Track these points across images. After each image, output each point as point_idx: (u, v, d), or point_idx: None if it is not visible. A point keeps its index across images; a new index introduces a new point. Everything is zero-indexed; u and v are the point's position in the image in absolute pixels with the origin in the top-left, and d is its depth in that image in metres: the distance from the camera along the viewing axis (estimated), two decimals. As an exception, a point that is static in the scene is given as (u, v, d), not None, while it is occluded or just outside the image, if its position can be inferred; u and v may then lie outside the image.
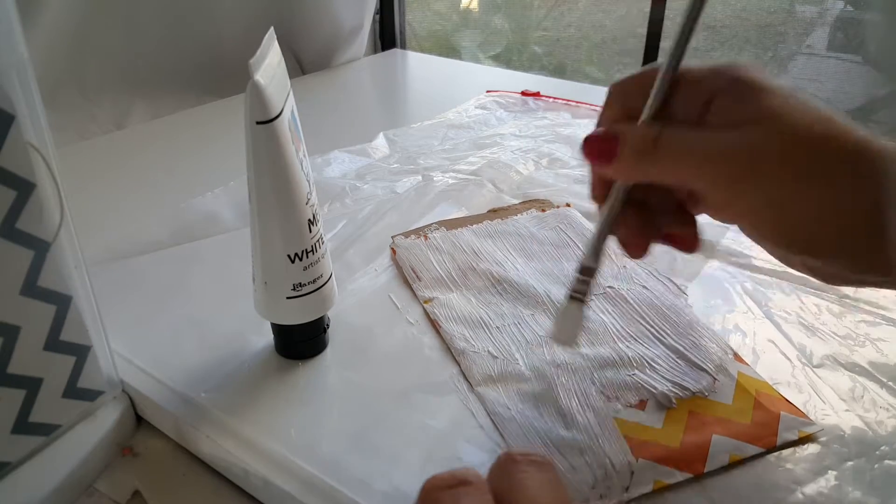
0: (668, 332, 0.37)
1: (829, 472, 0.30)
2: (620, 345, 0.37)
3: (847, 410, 0.33)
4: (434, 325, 0.39)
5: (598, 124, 0.32)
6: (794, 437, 0.31)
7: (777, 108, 0.26)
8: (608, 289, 0.41)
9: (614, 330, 0.38)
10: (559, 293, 0.41)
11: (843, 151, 0.26)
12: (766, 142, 0.26)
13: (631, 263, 0.43)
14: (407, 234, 0.47)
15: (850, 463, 0.30)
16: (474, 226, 0.48)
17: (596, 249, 0.31)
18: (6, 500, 0.29)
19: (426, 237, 0.47)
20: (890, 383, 0.35)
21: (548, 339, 0.37)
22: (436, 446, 0.31)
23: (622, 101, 0.31)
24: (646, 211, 0.31)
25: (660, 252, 0.46)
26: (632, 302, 0.40)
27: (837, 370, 0.36)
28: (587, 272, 0.32)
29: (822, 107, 0.27)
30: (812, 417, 0.32)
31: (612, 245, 0.34)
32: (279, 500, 0.30)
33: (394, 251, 0.46)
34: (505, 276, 0.42)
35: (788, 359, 0.36)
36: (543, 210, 0.50)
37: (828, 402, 0.33)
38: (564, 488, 0.21)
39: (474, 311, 0.40)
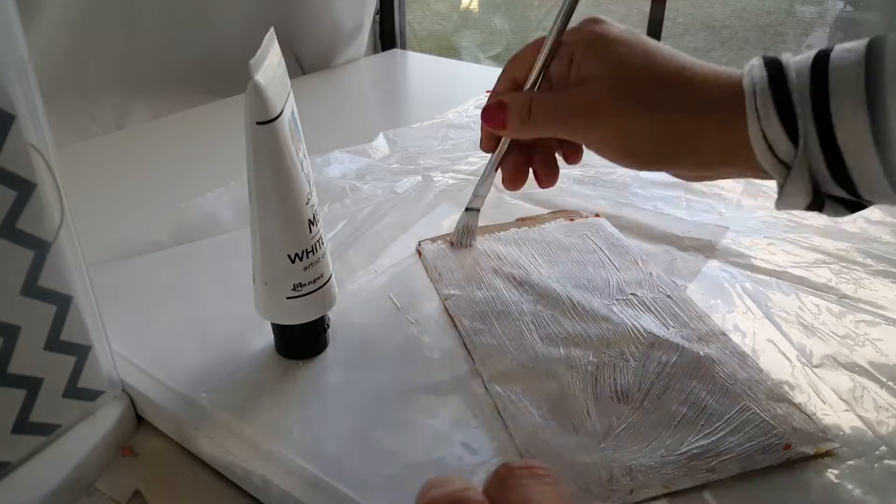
0: (688, 340, 0.37)
1: (829, 471, 0.30)
2: (634, 348, 0.36)
3: (847, 410, 0.33)
4: (452, 319, 0.39)
5: (492, 94, 0.38)
6: (810, 452, 0.30)
7: (620, 56, 0.32)
8: (631, 296, 0.41)
9: (632, 333, 0.37)
10: (581, 296, 0.40)
11: (664, 84, 0.31)
12: (602, 90, 0.32)
13: (656, 270, 0.43)
14: (434, 240, 0.48)
15: (850, 463, 0.30)
16: (500, 233, 0.48)
17: (485, 179, 0.42)
18: (6, 500, 0.29)
19: (451, 242, 0.47)
20: (890, 383, 0.35)
21: (450, 244, 0.46)
22: (436, 446, 0.31)
23: (513, 72, 0.37)
24: (523, 154, 0.39)
25: (658, 252, 0.47)
26: (653, 310, 0.39)
27: (837, 370, 0.36)
28: (480, 194, 0.43)
29: (666, 51, 0.32)
30: (812, 417, 0.32)
31: (637, 256, 0.34)
32: (279, 500, 0.30)
33: (420, 252, 0.46)
34: (527, 278, 0.42)
35: (788, 359, 0.36)
36: (572, 219, 0.50)
37: (828, 402, 0.33)
38: (566, 500, 0.20)
39: (493, 309, 0.40)
